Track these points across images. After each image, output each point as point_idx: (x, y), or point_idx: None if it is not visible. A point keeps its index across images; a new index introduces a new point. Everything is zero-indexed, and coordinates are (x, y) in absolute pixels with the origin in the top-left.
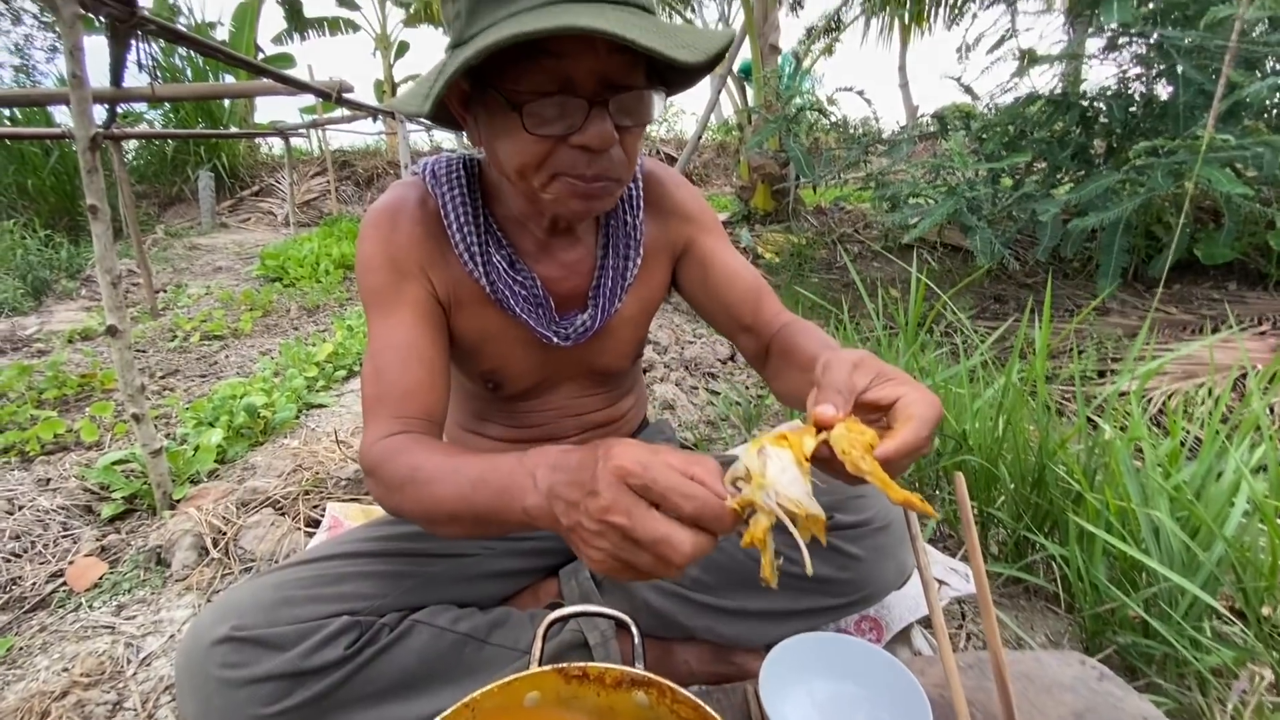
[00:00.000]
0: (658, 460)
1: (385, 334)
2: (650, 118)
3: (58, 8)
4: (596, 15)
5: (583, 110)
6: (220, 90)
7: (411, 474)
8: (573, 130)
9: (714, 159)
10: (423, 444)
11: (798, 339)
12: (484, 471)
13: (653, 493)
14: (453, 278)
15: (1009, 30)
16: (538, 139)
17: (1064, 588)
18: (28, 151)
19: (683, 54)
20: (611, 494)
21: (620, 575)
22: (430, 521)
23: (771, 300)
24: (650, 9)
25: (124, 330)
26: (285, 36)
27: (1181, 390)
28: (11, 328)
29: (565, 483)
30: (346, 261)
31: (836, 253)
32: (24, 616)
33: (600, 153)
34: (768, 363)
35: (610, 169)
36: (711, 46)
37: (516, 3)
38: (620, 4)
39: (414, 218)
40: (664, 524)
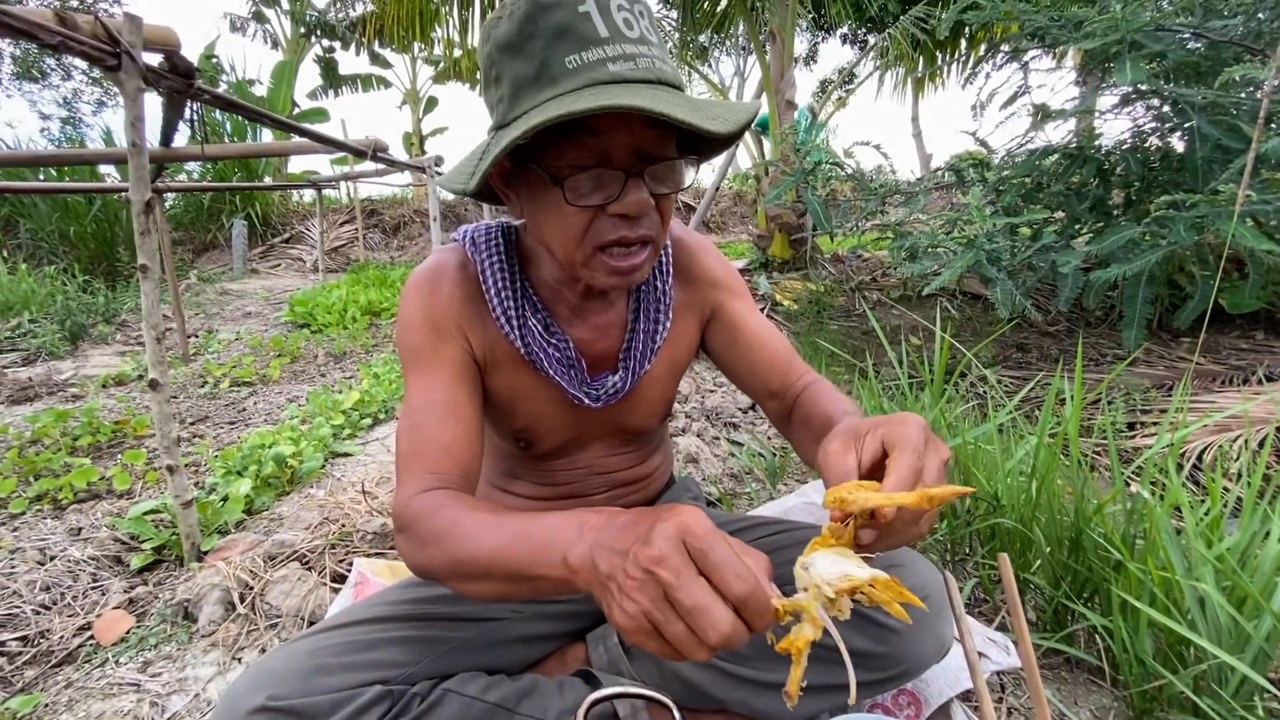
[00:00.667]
0: (720, 534)
1: (423, 392)
2: (683, 184)
3: (122, 83)
4: (634, 95)
5: (620, 181)
6: (263, 149)
7: (449, 527)
8: (610, 200)
9: (731, 207)
10: (461, 499)
11: (815, 406)
12: (528, 525)
13: (708, 561)
14: (489, 339)
15: (1022, 86)
16: (578, 210)
17: (1108, 660)
18: (71, 200)
19: (714, 125)
20: (666, 547)
21: (646, 643)
22: (460, 577)
23: (796, 364)
24: (679, 86)
25: (164, 384)
26: (320, 92)
27: (1216, 444)
28: (48, 372)
29: (616, 532)
30: (373, 308)
31: (855, 300)
32: (50, 671)
33: (637, 219)
34: (790, 427)
35: (650, 232)
36: (740, 118)
37: (556, 87)
38: (651, 83)
39: (454, 280)
40: (709, 594)
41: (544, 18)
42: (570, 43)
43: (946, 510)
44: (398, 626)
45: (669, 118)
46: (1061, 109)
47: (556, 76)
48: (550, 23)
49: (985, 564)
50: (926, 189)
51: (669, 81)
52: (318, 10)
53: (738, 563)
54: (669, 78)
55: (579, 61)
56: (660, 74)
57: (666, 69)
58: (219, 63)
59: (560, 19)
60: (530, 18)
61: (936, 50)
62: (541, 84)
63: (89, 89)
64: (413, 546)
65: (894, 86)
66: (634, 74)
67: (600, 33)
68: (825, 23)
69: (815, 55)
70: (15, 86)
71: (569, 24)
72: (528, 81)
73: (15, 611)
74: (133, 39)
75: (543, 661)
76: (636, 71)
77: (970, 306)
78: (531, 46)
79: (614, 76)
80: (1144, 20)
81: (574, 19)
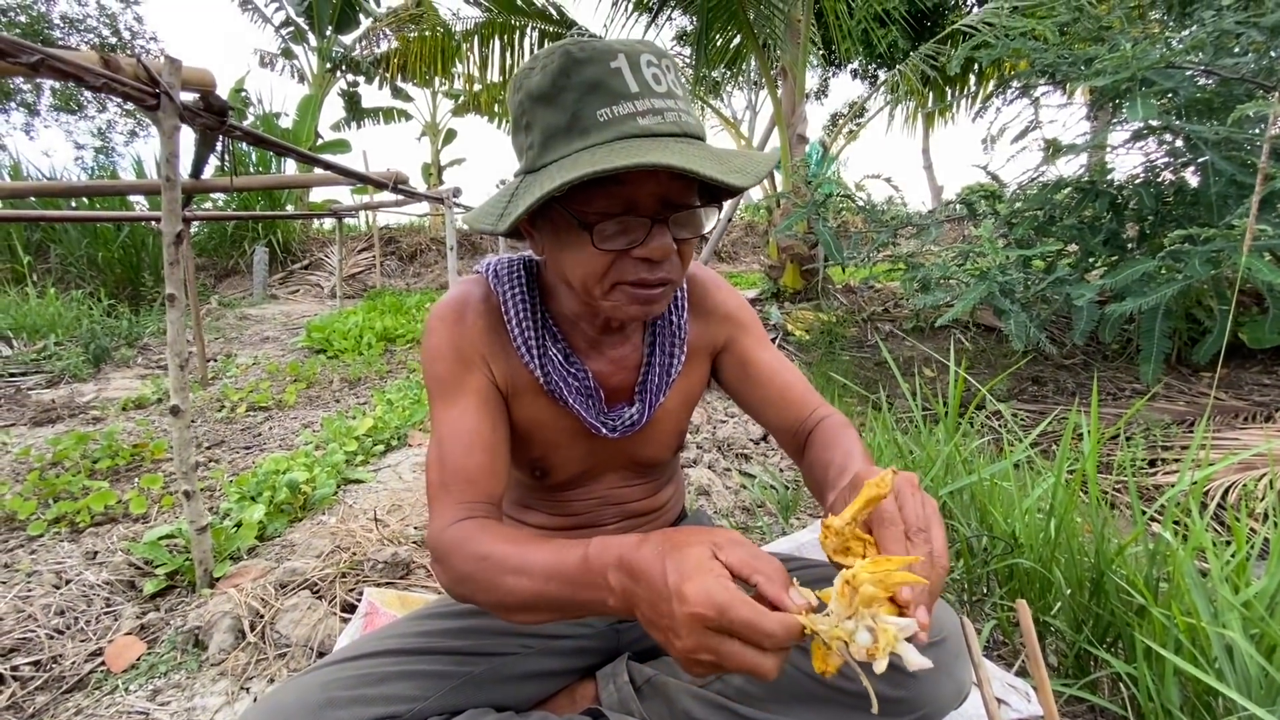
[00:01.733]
0: (733, 599)
1: (450, 422)
2: (703, 230)
3: (159, 121)
4: (663, 150)
5: (645, 228)
6: (288, 181)
7: (480, 565)
8: (635, 244)
9: (743, 238)
10: (488, 531)
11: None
12: (552, 565)
13: (734, 631)
14: (510, 369)
15: (1033, 122)
16: (604, 253)
17: (1133, 709)
18: (100, 227)
19: (735, 179)
20: (694, 639)
21: None
22: (504, 610)
23: (810, 398)
24: (702, 136)
25: (185, 411)
26: (343, 124)
27: (1240, 483)
28: (71, 394)
29: (646, 603)
30: (389, 334)
31: (867, 331)
32: (61, 698)
33: (659, 262)
34: (802, 462)
35: (670, 275)
36: (761, 170)
37: (587, 138)
38: (677, 136)
39: (478, 311)
40: (751, 655)
41: (577, 73)
42: (602, 97)
43: (964, 551)
44: (408, 660)
45: (696, 174)
46: (1073, 144)
47: (588, 128)
48: (583, 77)
49: (1004, 605)
50: (938, 221)
51: (693, 133)
52: (344, 47)
53: (758, 620)
54: (693, 129)
55: (610, 115)
56: (685, 126)
57: (691, 121)
58: (248, 96)
59: (592, 74)
60: (564, 71)
61: (946, 86)
62: (572, 135)
63: (122, 120)
64: (450, 579)
65: (904, 120)
66: (661, 127)
67: (630, 88)
68: (836, 59)
69: (826, 89)
70: (53, 117)
71: (601, 79)
72: (559, 131)
73: (30, 636)
74: (172, 80)
75: (552, 699)
76: (664, 125)
77: (984, 339)
78: (564, 99)
79: (643, 130)
80: (1154, 58)
81: (605, 74)
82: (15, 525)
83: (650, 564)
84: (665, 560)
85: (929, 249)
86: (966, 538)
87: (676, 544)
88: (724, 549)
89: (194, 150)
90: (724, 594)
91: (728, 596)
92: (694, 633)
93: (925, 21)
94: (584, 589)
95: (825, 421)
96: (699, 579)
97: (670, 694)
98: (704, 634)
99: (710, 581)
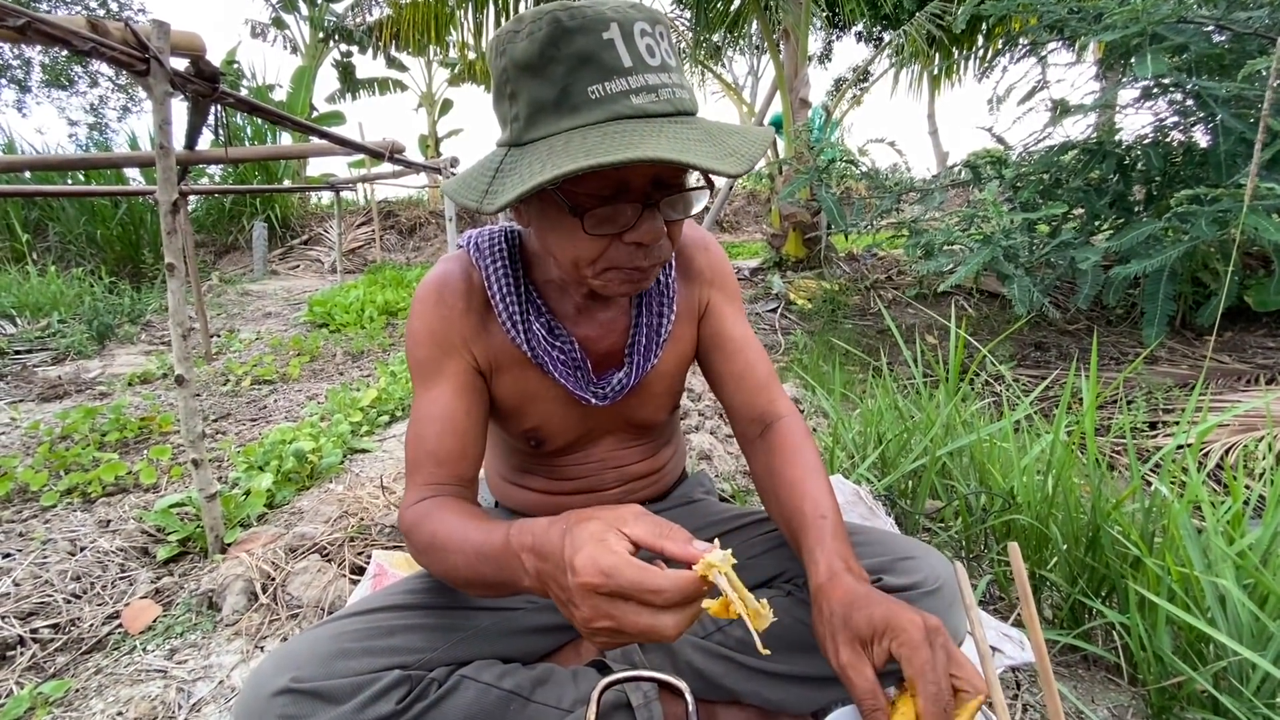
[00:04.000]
0: (619, 562)
1: (426, 406)
2: (695, 210)
3: (150, 87)
4: (657, 136)
5: (636, 212)
6: (284, 151)
7: (430, 541)
8: (626, 228)
9: (745, 206)
10: (443, 508)
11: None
12: (481, 546)
13: (625, 593)
14: (495, 344)
15: (1040, 81)
16: (594, 237)
17: (1126, 658)
18: (98, 204)
19: (731, 165)
20: (588, 607)
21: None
22: (454, 584)
23: (773, 389)
24: (695, 110)
25: (190, 380)
26: (338, 96)
27: (1240, 444)
28: (76, 370)
29: (551, 578)
30: (390, 308)
31: (870, 299)
32: (81, 658)
33: (650, 246)
34: (754, 456)
35: (661, 255)
36: (756, 153)
37: (577, 116)
38: (671, 115)
39: (458, 291)
40: (646, 616)
41: (567, 43)
42: (593, 71)
43: (961, 509)
44: (417, 614)
45: (692, 166)
46: (1081, 104)
47: (578, 106)
48: (573, 49)
49: (1000, 561)
50: (942, 186)
51: (687, 109)
52: (336, 15)
53: (647, 580)
54: (687, 105)
55: (601, 92)
56: (679, 104)
57: (685, 95)
58: (240, 68)
59: (583, 46)
60: (553, 41)
61: (952, 46)
62: (562, 111)
63: (114, 95)
64: (412, 554)
65: (909, 84)
66: (654, 107)
67: (624, 62)
68: (840, 20)
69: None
70: (45, 93)
71: (592, 52)
72: (547, 106)
73: (47, 600)
74: (160, 44)
75: (557, 652)
76: (658, 104)
77: (987, 305)
78: (553, 71)
79: (636, 110)
80: (1165, 12)
81: (597, 46)
82: (29, 496)
83: (554, 542)
84: (564, 537)
85: (933, 215)
86: (964, 495)
87: (578, 519)
88: (629, 523)
89: (187, 120)
90: (609, 559)
91: (613, 560)
92: (587, 601)
93: None
94: (506, 570)
95: (784, 423)
96: (587, 549)
97: (673, 645)
98: (597, 600)
99: (596, 549)
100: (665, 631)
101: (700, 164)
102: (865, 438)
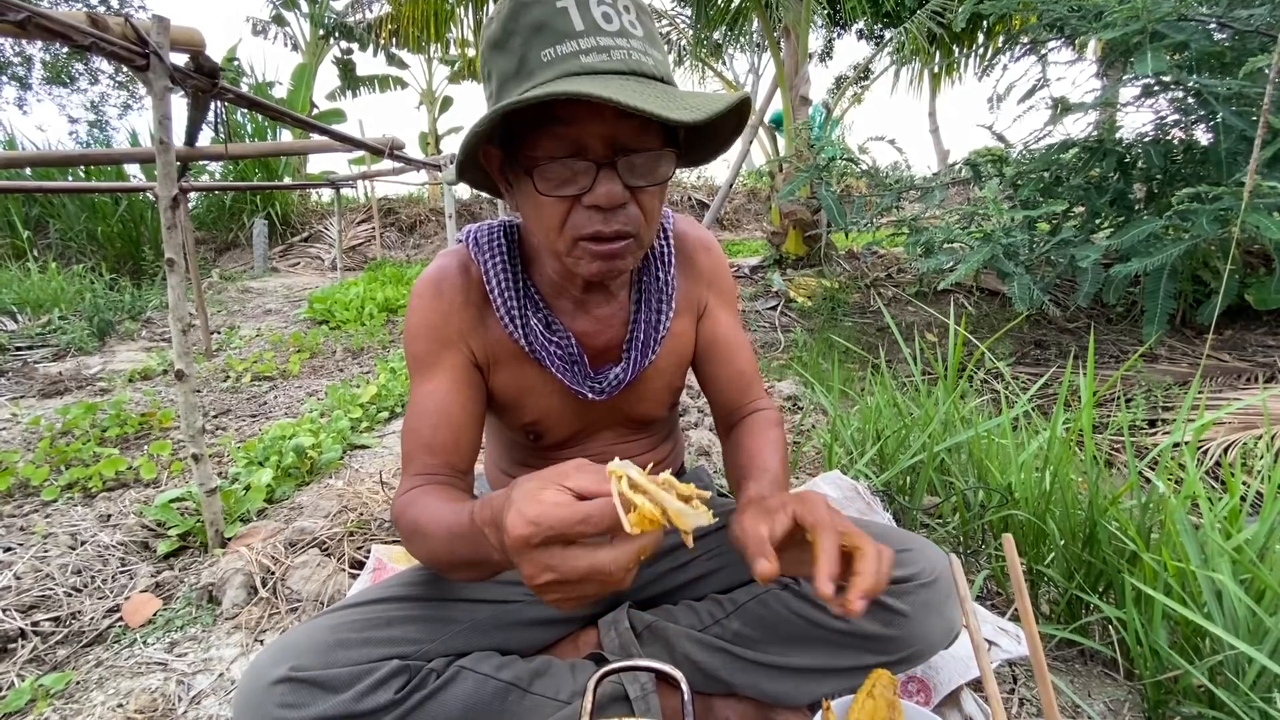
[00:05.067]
0: (544, 507)
1: (421, 399)
2: (663, 178)
3: (150, 82)
4: (600, 85)
5: (591, 172)
6: (284, 148)
7: (413, 527)
8: (584, 191)
9: (745, 204)
10: (427, 494)
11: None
12: (454, 526)
13: (557, 538)
14: (493, 338)
15: (1040, 79)
16: (554, 200)
17: (1122, 652)
18: (98, 201)
19: (678, 114)
20: (528, 564)
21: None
22: (438, 569)
23: (755, 388)
24: (662, 78)
25: (190, 375)
26: (338, 93)
27: (1239, 442)
28: (77, 367)
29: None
30: (390, 305)
31: (870, 297)
32: (82, 651)
33: (612, 211)
34: (726, 441)
35: (626, 227)
36: (713, 107)
37: (531, 80)
38: (630, 74)
39: (455, 285)
40: (584, 557)
41: (524, 14)
42: (546, 37)
43: (959, 504)
44: (415, 606)
45: (617, 104)
46: (1081, 101)
47: (532, 70)
48: (529, 19)
49: (997, 556)
50: (943, 184)
51: (647, 73)
52: (336, 13)
53: (571, 514)
54: (648, 69)
55: (553, 55)
56: (638, 65)
57: (647, 60)
58: (240, 65)
59: (538, 15)
60: (512, 15)
61: (953, 44)
62: (520, 78)
63: (115, 93)
64: (402, 540)
65: (910, 81)
66: (605, 65)
67: (576, 26)
68: (840, 18)
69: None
70: (45, 90)
71: (545, 19)
72: (510, 76)
73: (49, 593)
74: (160, 39)
75: (556, 645)
76: (609, 63)
77: (987, 303)
78: (513, 43)
79: (585, 68)
80: (1166, 9)
81: (550, 14)
82: (29, 491)
83: (502, 511)
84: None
85: (933, 213)
86: (962, 490)
87: (518, 484)
88: (570, 476)
89: (187, 116)
90: (535, 507)
91: (539, 508)
92: (524, 557)
93: None
94: (478, 548)
95: (760, 414)
96: (516, 505)
97: (670, 638)
98: (534, 553)
99: (524, 503)
100: (609, 569)
101: (626, 102)
102: (864, 434)
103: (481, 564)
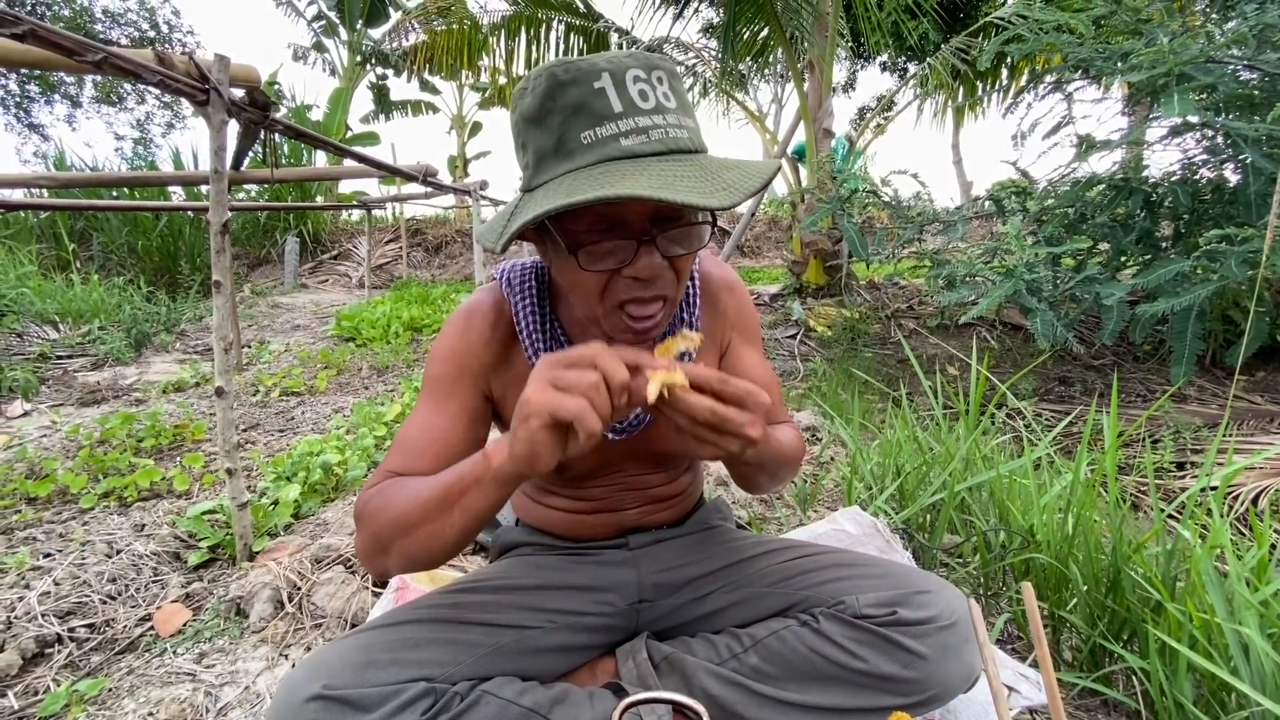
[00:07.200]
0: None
1: (423, 417)
2: (699, 246)
3: (208, 115)
4: (640, 174)
5: (632, 248)
6: (325, 173)
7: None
8: (624, 264)
9: (766, 232)
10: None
11: None
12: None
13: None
14: (517, 374)
15: (1066, 116)
16: (594, 274)
17: (1146, 704)
18: (141, 216)
19: (714, 200)
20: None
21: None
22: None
23: (777, 415)
24: (696, 148)
25: (229, 392)
26: (372, 117)
27: (1270, 488)
28: (114, 377)
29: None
30: (415, 324)
31: (890, 328)
32: (114, 658)
33: (651, 281)
34: None
35: (664, 291)
36: (748, 185)
37: (572, 161)
38: (663, 154)
39: (486, 320)
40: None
41: (561, 95)
42: (585, 119)
43: (980, 546)
44: (442, 629)
45: (664, 202)
46: (1107, 140)
47: (572, 151)
48: (566, 100)
49: (1018, 600)
50: (965, 217)
51: (682, 148)
52: (374, 40)
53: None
54: (683, 144)
55: (593, 137)
56: (674, 143)
57: (682, 134)
58: (280, 89)
59: (576, 96)
60: (550, 94)
61: (977, 80)
62: (559, 157)
63: (160, 112)
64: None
65: (934, 114)
66: (644, 148)
67: (614, 108)
68: (864, 51)
69: (854, 83)
70: (94, 109)
71: (584, 100)
72: (548, 154)
73: (85, 600)
74: (220, 76)
75: (574, 672)
76: (648, 144)
77: (1010, 337)
78: (550, 121)
79: (625, 151)
80: (1193, 52)
81: (588, 95)
82: (68, 498)
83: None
84: None
85: (955, 246)
86: (983, 532)
87: None
88: None
89: (236, 142)
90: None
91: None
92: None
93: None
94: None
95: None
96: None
97: (688, 671)
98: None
99: None
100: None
101: (671, 199)
102: (884, 469)
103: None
